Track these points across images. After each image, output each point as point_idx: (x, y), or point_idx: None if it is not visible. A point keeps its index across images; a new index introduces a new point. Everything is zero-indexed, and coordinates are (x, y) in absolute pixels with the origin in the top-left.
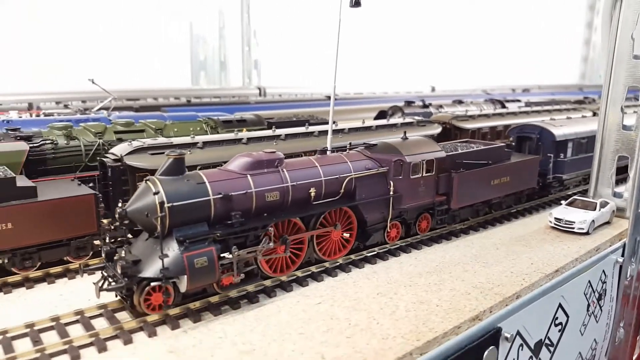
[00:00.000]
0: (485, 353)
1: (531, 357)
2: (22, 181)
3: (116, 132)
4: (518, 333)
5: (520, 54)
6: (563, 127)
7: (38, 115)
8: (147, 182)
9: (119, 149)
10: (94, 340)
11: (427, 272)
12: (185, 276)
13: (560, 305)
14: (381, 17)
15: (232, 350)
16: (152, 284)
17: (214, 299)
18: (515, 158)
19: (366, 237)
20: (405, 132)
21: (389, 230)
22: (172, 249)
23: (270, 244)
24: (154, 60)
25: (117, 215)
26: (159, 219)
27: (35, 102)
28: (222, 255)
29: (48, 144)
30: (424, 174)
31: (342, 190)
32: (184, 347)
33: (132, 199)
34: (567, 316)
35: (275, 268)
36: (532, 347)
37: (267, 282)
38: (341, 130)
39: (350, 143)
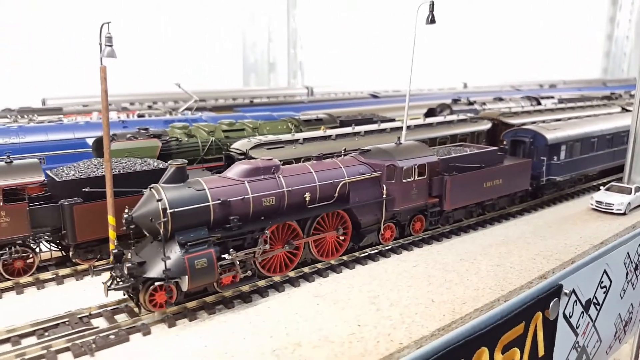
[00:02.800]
0: (551, 303)
1: (582, 312)
2: None
3: (224, 131)
4: (573, 291)
5: (545, 49)
6: (556, 131)
7: (133, 116)
8: (152, 189)
9: (242, 145)
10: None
11: (496, 244)
12: (187, 276)
13: (605, 272)
14: (414, 15)
15: (361, 295)
16: (156, 283)
17: (336, 260)
18: (508, 161)
19: (360, 238)
20: (398, 138)
21: (382, 232)
22: (175, 252)
23: (267, 246)
24: (211, 65)
25: (123, 221)
26: (162, 223)
27: (115, 103)
28: (221, 256)
29: (173, 140)
30: (416, 178)
31: (336, 195)
32: (324, 294)
33: (137, 205)
34: (611, 281)
35: (271, 269)
36: (584, 303)
37: (368, 250)
38: (408, 127)
39: (345, 149)
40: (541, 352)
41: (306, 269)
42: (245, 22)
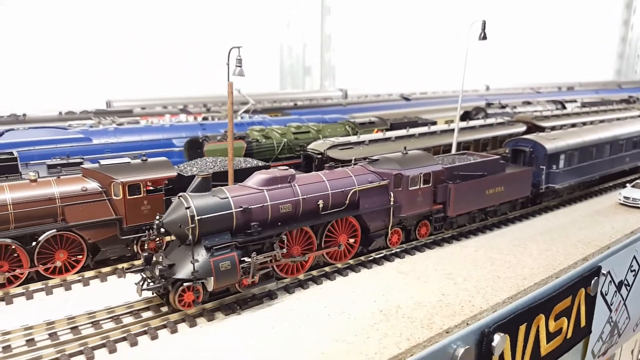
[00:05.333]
0: (592, 281)
1: (615, 291)
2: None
3: (293, 133)
4: (609, 272)
5: (560, 51)
6: (555, 141)
7: (195, 119)
8: (180, 197)
9: (319, 146)
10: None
11: (541, 233)
12: (212, 277)
13: (634, 257)
14: (436, 18)
15: (437, 273)
16: (185, 284)
17: (409, 245)
18: (510, 169)
19: (369, 242)
20: (405, 148)
21: (390, 236)
22: (201, 255)
23: (284, 249)
24: (251, 69)
25: (155, 225)
26: (190, 229)
27: (172, 106)
28: (242, 259)
29: (254, 142)
30: (422, 186)
31: (347, 202)
32: (406, 270)
33: (167, 212)
34: (639, 265)
35: (287, 271)
36: (617, 284)
37: (432, 237)
38: (453, 130)
39: (354, 158)
40: (583, 323)
41: (384, 251)
42: (282, 29)
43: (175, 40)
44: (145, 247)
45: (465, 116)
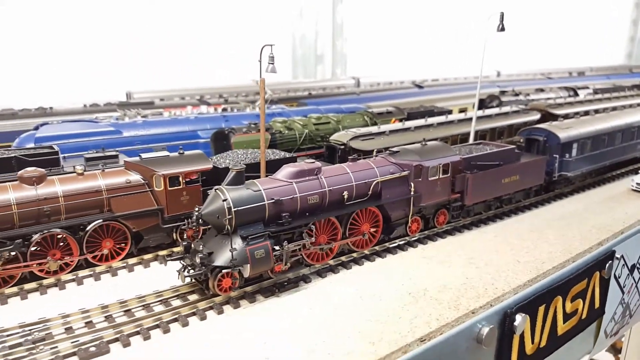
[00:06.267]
0: (607, 265)
1: (628, 274)
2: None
3: (314, 124)
4: (622, 256)
5: (570, 35)
6: (569, 130)
7: (215, 110)
8: (217, 190)
9: (341, 137)
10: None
11: (557, 219)
12: (248, 265)
13: None
14: (445, 4)
15: (459, 258)
16: (223, 271)
17: (431, 232)
18: (524, 158)
19: (390, 230)
20: (424, 139)
21: (410, 225)
22: (238, 244)
23: (312, 238)
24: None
25: (194, 217)
26: (227, 220)
27: (190, 97)
28: (274, 247)
29: (278, 133)
30: (441, 176)
31: (370, 192)
32: (430, 255)
33: (205, 204)
34: None
35: (314, 258)
36: (629, 267)
37: (453, 223)
38: (470, 119)
39: (375, 149)
40: (597, 304)
41: (407, 238)
42: (294, 18)
43: (188, 30)
44: (184, 236)
45: (480, 104)
